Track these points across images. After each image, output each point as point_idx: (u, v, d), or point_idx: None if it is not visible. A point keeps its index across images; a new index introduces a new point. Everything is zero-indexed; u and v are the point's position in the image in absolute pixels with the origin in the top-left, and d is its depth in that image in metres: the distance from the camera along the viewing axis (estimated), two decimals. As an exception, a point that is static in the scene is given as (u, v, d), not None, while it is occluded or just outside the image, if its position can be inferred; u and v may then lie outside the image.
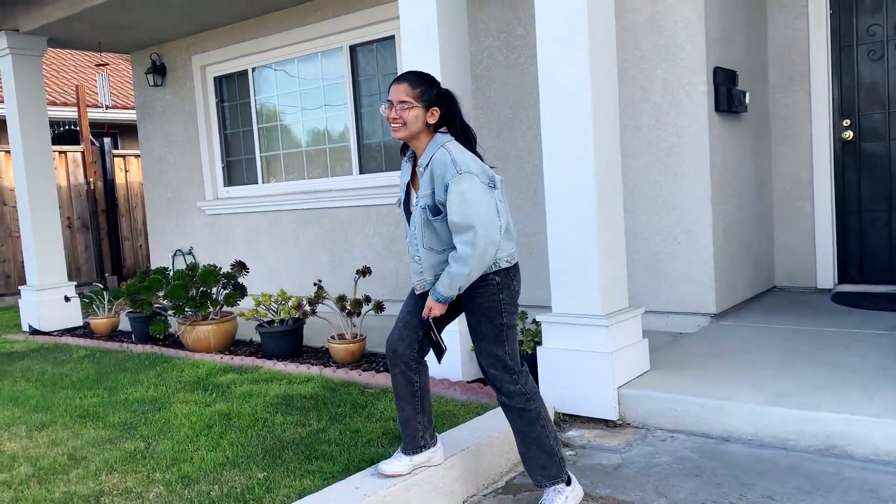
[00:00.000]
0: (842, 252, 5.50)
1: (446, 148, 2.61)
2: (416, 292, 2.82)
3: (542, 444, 2.71)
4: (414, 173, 2.76)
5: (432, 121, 2.66)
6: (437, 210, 2.61)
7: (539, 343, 4.00)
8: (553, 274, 3.71)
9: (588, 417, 3.62)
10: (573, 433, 3.49)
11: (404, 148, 2.84)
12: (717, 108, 4.81)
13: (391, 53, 6.38)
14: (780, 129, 5.61)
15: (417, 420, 2.88)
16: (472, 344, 2.87)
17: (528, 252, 5.55)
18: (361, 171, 6.73)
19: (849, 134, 5.37)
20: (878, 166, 5.30)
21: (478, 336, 2.71)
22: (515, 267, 2.73)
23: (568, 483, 2.75)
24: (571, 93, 3.55)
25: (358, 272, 4.96)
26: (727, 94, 4.85)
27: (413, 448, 2.87)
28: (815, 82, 5.41)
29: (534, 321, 4.17)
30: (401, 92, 2.63)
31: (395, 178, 6.41)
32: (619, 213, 3.74)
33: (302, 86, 7.10)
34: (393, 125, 2.65)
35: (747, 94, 5.15)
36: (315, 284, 5.02)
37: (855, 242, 5.45)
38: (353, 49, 6.62)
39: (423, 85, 2.66)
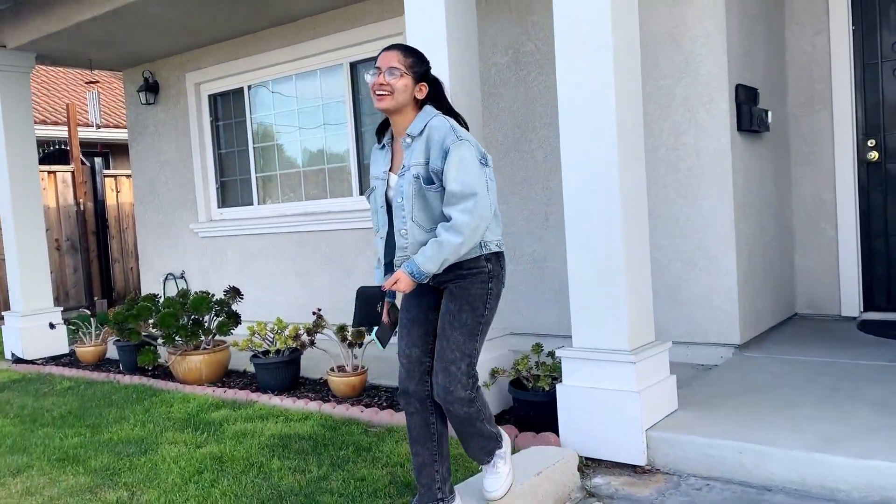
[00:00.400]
0: (867, 278, 5.24)
1: (443, 117, 2.48)
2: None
3: (483, 432, 2.63)
4: (393, 155, 2.57)
5: (420, 96, 2.51)
6: (431, 180, 2.43)
7: (556, 379, 3.71)
8: (574, 304, 3.42)
9: (614, 462, 3.32)
10: (599, 480, 3.19)
11: (381, 131, 2.61)
12: (740, 128, 4.56)
13: (393, 70, 6.12)
14: (801, 149, 5.37)
15: (434, 468, 2.60)
16: (436, 341, 2.56)
17: (538, 277, 5.27)
18: (362, 192, 6.45)
19: (874, 154, 5.13)
20: (906, 188, 5.06)
21: (453, 325, 2.49)
22: (503, 255, 2.59)
23: (499, 441, 2.72)
24: (594, 109, 3.29)
25: (360, 300, 4.67)
26: (749, 113, 4.61)
27: (429, 500, 2.58)
28: (837, 101, 5.18)
29: (550, 354, 3.88)
30: (392, 58, 2.46)
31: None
32: (645, 237, 3.47)
33: (300, 104, 6.84)
34: (378, 93, 2.45)
35: (769, 113, 4.91)
36: (314, 314, 4.72)
37: (881, 268, 5.19)
38: (353, 66, 6.37)
39: (415, 56, 2.51)
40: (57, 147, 12.99)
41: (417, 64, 2.51)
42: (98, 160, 10.53)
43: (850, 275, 5.23)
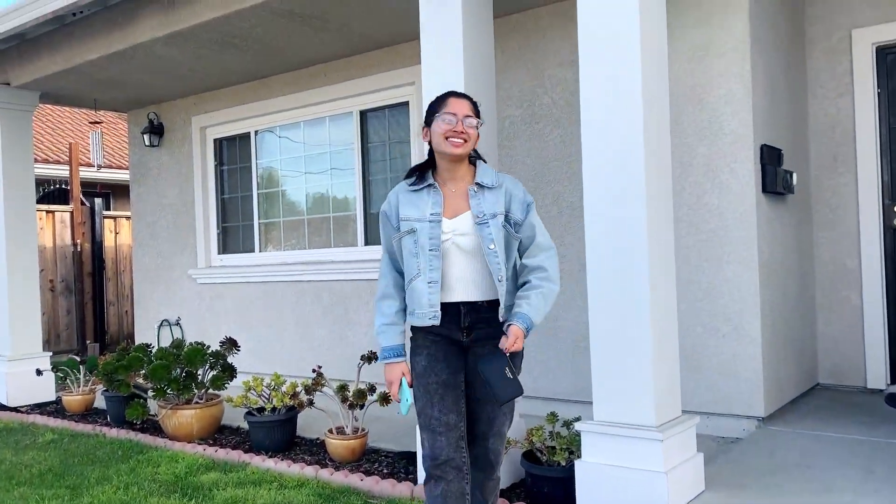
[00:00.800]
0: (894, 349, 5.00)
1: (506, 174, 2.66)
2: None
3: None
4: (444, 199, 2.56)
5: (476, 144, 2.61)
6: (514, 232, 2.54)
7: (573, 453, 3.45)
8: (596, 373, 3.19)
9: (637, 549, 3.05)
10: (621, 570, 2.91)
11: (420, 176, 2.60)
12: (765, 190, 4.39)
13: (404, 119, 6.00)
14: (823, 212, 5.19)
15: None
16: (481, 409, 2.58)
17: (551, 337, 5.04)
18: (367, 243, 6.26)
19: (901, 220, 4.95)
20: (934, 256, 4.87)
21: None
22: None
23: None
24: (621, 165, 3.11)
25: (363, 358, 4.43)
26: (774, 174, 4.44)
27: None
28: (861, 164, 5.02)
29: (566, 424, 3.63)
30: (466, 107, 2.53)
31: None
32: (674, 303, 3.25)
33: (307, 150, 6.70)
34: (456, 140, 2.49)
35: (794, 175, 4.74)
36: (314, 371, 4.48)
37: (909, 339, 4.97)
38: (363, 114, 6.24)
39: (477, 106, 2.60)
40: (58, 186, 12.86)
41: (479, 114, 2.58)
42: (98, 201, 10.37)
43: (877, 345, 5.00)
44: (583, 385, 4.92)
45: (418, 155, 5.78)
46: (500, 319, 2.50)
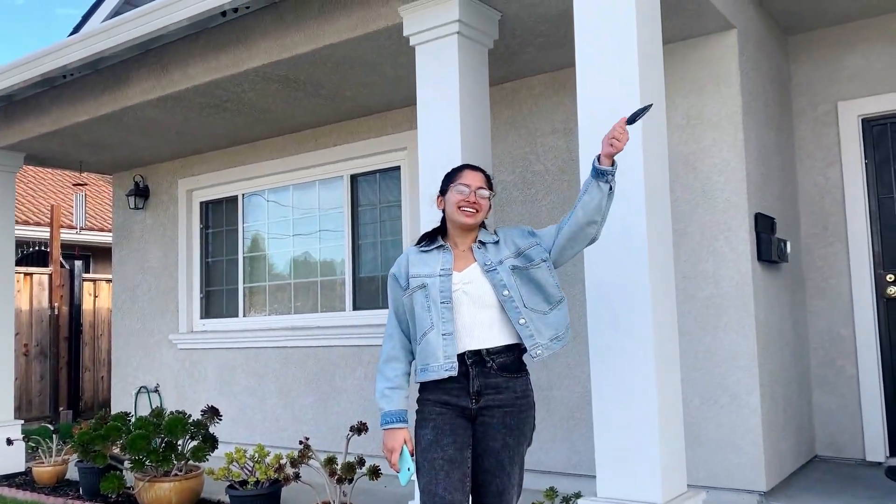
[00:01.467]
0: (892, 420, 4.92)
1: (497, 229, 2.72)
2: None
3: None
4: (456, 258, 2.62)
5: (488, 215, 2.68)
6: (530, 259, 2.57)
7: (575, 531, 3.30)
8: (599, 448, 3.07)
9: None
10: None
11: (432, 238, 2.67)
12: (760, 258, 4.37)
13: (395, 183, 5.98)
14: (816, 281, 5.18)
15: None
16: (490, 481, 2.51)
17: (544, 408, 4.91)
18: (355, 308, 6.15)
19: (893, 290, 4.94)
20: (928, 326, 4.85)
21: (513, 461, 2.49)
22: None
23: None
24: (623, 238, 3.07)
25: (352, 429, 4.28)
26: (769, 242, 4.43)
27: None
28: (852, 233, 5.04)
29: (565, 501, 3.48)
30: (479, 179, 2.61)
31: (392, 318, 5.81)
32: (677, 373, 3.17)
33: (295, 214, 6.64)
34: (468, 209, 2.57)
35: (788, 244, 4.74)
36: (301, 442, 4.30)
37: (907, 410, 4.90)
38: (353, 178, 6.22)
39: (490, 178, 2.68)
40: (37, 248, 12.66)
41: (492, 187, 2.67)
42: (78, 263, 10.20)
43: (874, 417, 4.92)
44: (578, 458, 4.78)
45: (409, 219, 5.74)
46: (532, 352, 2.51)
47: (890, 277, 4.97)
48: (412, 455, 2.45)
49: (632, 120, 2.45)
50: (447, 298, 2.49)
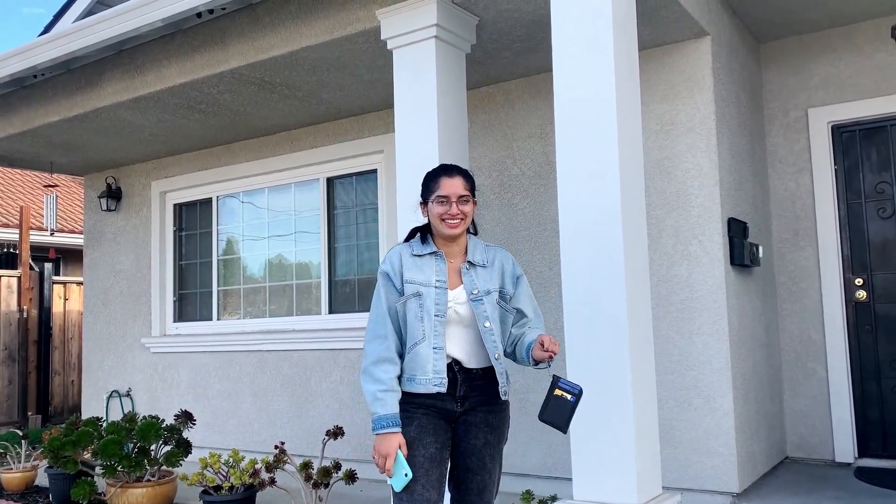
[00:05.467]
0: (861, 422, 5.01)
1: (497, 246, 2.67)
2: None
3: None
4: (449, 271, 2.57)
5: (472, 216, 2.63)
6: (507, 302, 2.58)
7: (551, 533, 3.32)
8: (575, 450, 3.09)
9: None
10: None
11: (422, 240, 2.59)
12: (733, 262, 4.43)
13: (372, 186, 5.97)
14: (787, 285, 5.26)
15: None
16: (471, 478, 2.54)
17: (520, 411, 4.92)
18: (331, 311, 6.12)
19: (862, 294, 5.03)
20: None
21: (494, 459, 2.54)
22: None
23: None
24: (598, 242, 3.10)
25: (328, 433, 4.26)
26: (742, 247, 4.49)
27: None
28: (822, 238, 5.13)
29: (542, 503, 3.50)
30: (459, 186, 2.53)
31: (367, 320, 5.79)
32: (653, 377, 3.20)
33: (270, 217, 6.60)
34: (452, 221, 2.50)
35: (760, 248, 4.81)
36: (276, 447, 4.27)
37: (875, 412, 4.99)
38: (330, 181, 6.20)
39: (472, 180, 2.61)
40: (5, 250, 12.43)
41: (474, 186, 2.59)
42: (48, 266, 10.03)
43: (844, 418, 5.01)
44: (554, 461, 4.80)
45: (386, 222, 5.73)
46: (501, 391, 2.54)
47: (858, 282, 5.06)
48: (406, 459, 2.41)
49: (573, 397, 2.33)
50: (441, 312, 2.47)
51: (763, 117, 5.35)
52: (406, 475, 2.34)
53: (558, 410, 2.27)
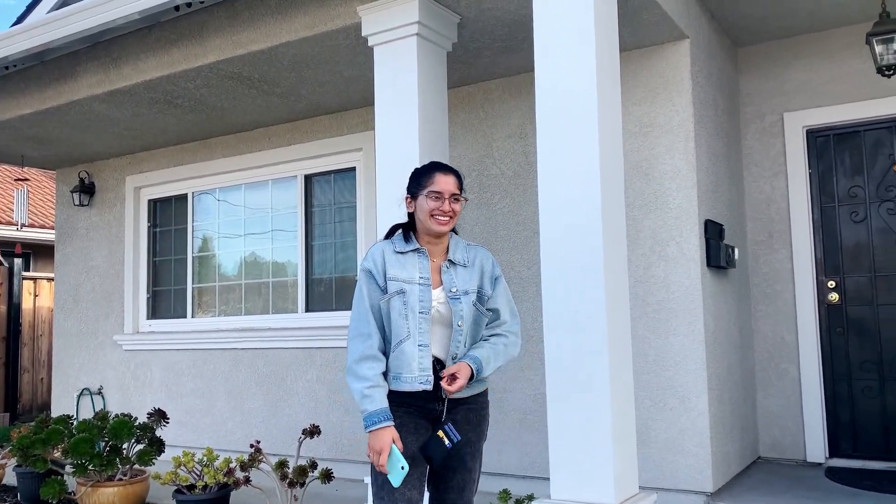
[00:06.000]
0: (832, 422, 5.09)
1: (479, 246, 2.68)
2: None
3: None
4: (431, 270, 2.57)
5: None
6: (482, 302, 2.58)
7: (528, 533, 3.33)
8: (553, 449, 3.10)
9: None
10: None
11: (404, 237, 2.58)
12: (709, 264, 4.48)
13: (350, 184, 5.93)
14: (761, 287, 5.32)
15: None
16: (452, 476, 2.55)
17: (497, 409, 4.93)
18: (308, 309, 6.08)
19: (834, 296, 5.11)
20: (867, 332, 5.02)
21: (475, 456, 2.54)
22: None
23: None
24: (580, 247, 3.11)
25: (304, 432, 4.23)
26: (718, 249, 4.54)
27: None
28: (796, 241, 5.19)
29: (518, 503, 3.50)
30: (452, 184, 2.54)
31: (344, 318, 5.78)
32: (630, 377, 3.22)
33: (247, 214, 6.54)
34: (442, 218, 2.52)
35: (735, 250, 4.86)
36: (251, 446, 4.23)
37: (846, 412, 5.06)
38: (308, 178, 6.15)
39: (462, 179, 2.62)
40: (-26, 245, 12.20)
41: (463, 187, 2.61)
42: (18, 261, 9.85)
43: (815, 419, 5.08)
44: (530, 460, 4.81)
45: (364, 221, 5.71)
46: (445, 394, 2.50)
47: (831, 284, 5.13)
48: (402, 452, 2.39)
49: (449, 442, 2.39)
50: (426, 309, 2.46)
51: (740, 121, 5.41)
52: (403, 468, 2.32)
53: (436, 450, 2.40)
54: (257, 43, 4.42)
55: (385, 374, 2.46)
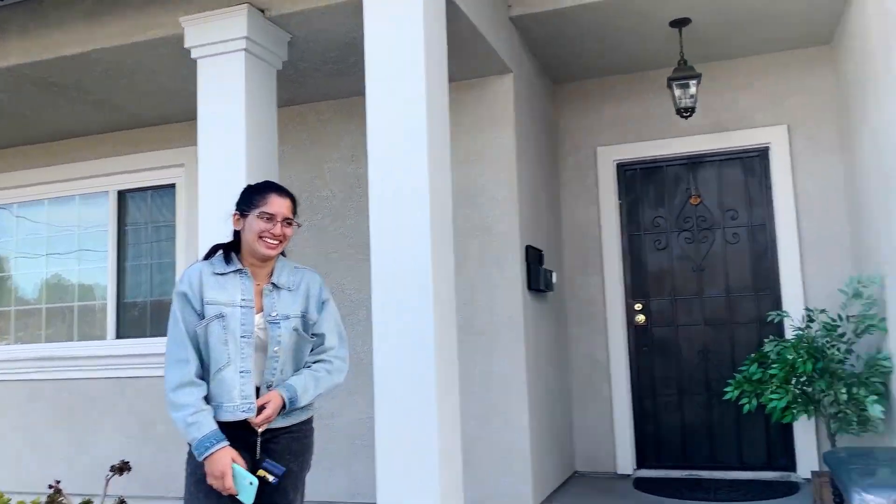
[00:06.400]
0: (639, 436, 5.47)
1: (308, 269, 2.57)
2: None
3: None
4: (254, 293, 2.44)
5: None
6: (307, 328, 2.47)
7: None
8: (380, 473, 3.08)
9: None
10: None
11: (225, 258, 2.43)
12: (530, 287, 4.68)
13: (170, 202, 5.62)
14: (577, 310, 5.64)
15: None
16: None
17: (325, 436, 4.81)
18: (119, 336, 5.65)
19: (641, 318, 5.52)
20: (668, 350, 5.47)
21: (297, 487, 2.44)
22: None
23: None
24: (411, 273, 3.14)
25: (113, 469, 3.91)
26: (538, 273, 4.76)
27: None
28: (607, 267, 5.57)
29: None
30: (286, 207, 2.45)
31: (160, 346, 5.40)
32: (457, 399, 3.28)
33: (50, 231, 5.99)
34: (271, 241, 2.41)
35: (554, 274, 5.12)
36: (51, 486, 3.85)
37: (651, 426, 5.47)
38: (121, 194, 5.75)
39: (296, 205, 2.53)
40: None
41: (296, 211, 2.51)
42: None
43: (624, 433, 5.44)
44: (357, 487, 4.75)
45: (185, 241, 5.42)
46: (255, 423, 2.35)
47: (638, 306, 5.54)
48: (249, 470, 2.25)
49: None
50: (248, 333, 2.34)
51: (558, 153, 5.74)
52: (251, 483, 2.19)
53: (262, 489, 2.30)
54: (67, 47, 4.10)
55: (206, 401, 2.32)
